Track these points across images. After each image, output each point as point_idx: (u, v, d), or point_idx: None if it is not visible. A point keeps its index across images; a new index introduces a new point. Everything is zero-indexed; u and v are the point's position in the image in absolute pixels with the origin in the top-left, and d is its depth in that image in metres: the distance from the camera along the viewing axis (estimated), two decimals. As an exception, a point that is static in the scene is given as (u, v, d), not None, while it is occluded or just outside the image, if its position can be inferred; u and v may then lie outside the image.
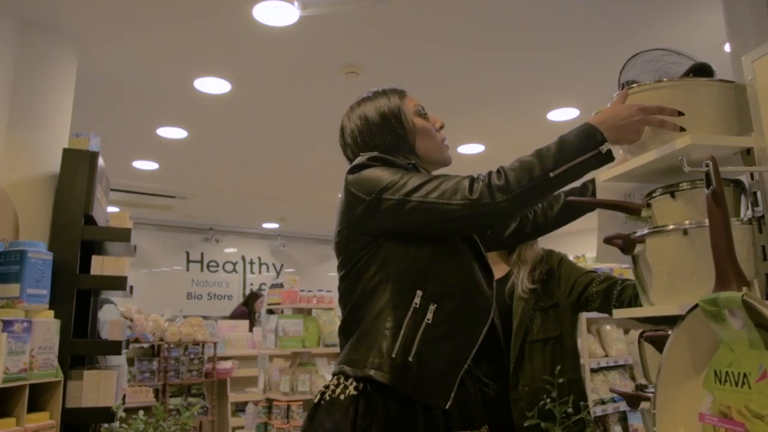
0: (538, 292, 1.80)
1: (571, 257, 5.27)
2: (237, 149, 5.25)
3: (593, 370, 3.74)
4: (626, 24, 3.14)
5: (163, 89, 3.90)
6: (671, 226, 1.21)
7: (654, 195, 1.30)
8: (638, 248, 1.28)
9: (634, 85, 1.31)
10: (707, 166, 0.91)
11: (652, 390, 1.17)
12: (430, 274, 1.29)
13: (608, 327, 3.87)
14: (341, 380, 1.29)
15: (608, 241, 1.33)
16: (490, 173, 1.25)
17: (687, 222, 1.24)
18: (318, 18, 2.97)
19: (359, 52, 3.39)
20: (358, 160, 1.39)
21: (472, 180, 1.25)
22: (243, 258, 9.61)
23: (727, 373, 0.90)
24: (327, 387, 1.31)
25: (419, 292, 1.27)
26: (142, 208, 7.40)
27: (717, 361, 0.92)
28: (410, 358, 1.24)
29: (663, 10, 3.03)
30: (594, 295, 1.74)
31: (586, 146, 1.22)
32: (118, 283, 2.63)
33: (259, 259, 9.78)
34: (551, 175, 1.21)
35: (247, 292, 8.76)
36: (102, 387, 2.42)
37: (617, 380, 3.83)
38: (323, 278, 8.44)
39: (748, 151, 1.21)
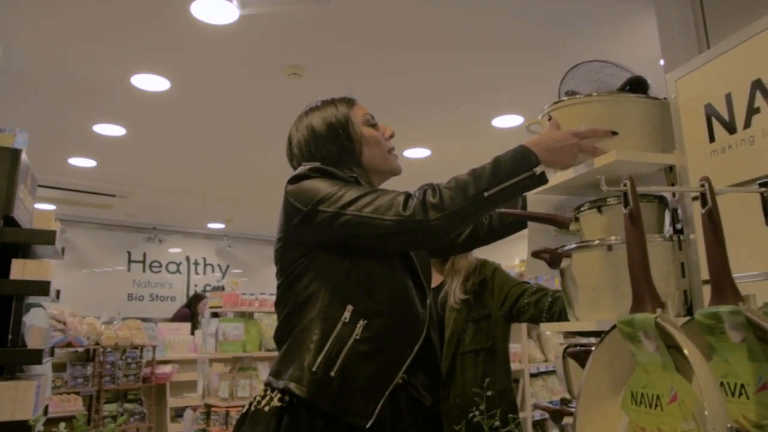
0: (471, 302, 1.79)
1: (516, 261, 5.31)
2: (178, 148, 5.11)
3: (533, 375, 3.79)
4: (569, 32, 3.19)
5: (99, 85, 3.75)
6: (597, 242, 1.21)
7: (582, 209, 1.30)
8: (565, 262, 1.28)
9: (565, 98, 1.31)
10: (625, 185, 0.90)
11: (575, 406, 1.17)
12: (363, 290, 1.29)
13: (548, 332, 3.93)
14: (267, 391, 1.28)
15: (536, 254, 1.32)
16: (425, 190, 1.24)
17: (613, 238, 1.25)
18: (259, 17, 2.90)
19: (302, 53, 3.33)
20: (299, 170, 1.38)
21: (408, 196, 1.24)
22: (187, 258, 9.39)
23: (642, 394, 0.89)
24: (255, 397, 1.30)
25: (350, 307, 1.26)
26: (81, 206, 7.14)
27: (633, 382, 0.92)
28: (332, 373, 1.22)
29: (603, 21, 3.08)
30: (526, 306, 1.74)
31: (521, 167, 1.23)
32: (41, 288, 2.49)
33: (204, 259, 9.57)
34: (485, 194, 1.21)
35: (191, 293, 8.56)
36: (19, 399, 2.28)
37: (556, 384, 3.89)
38: (271, 280, 8.16)
39: (671, 168, 1.22)
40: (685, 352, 0.74)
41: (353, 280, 1.28)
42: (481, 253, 1.87)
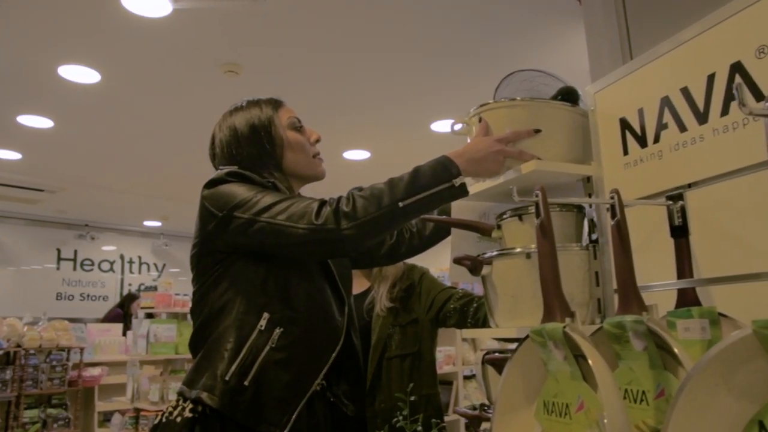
0: (397, 308, 1.79)
1: (448, 265, 5.39)
2: (111, 143, 4.92)
3: (466, 377, 3.83)
4: (506, 40, 3.24)
5: (23, 74, 3.57)
6: (518, 249, 1.23)
7: (504, 217, 1.31)
8: (486, 269, 1.29)
9: (490, 101, 1.32)
10: (537, 195, 0.92)
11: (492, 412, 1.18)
12: (279, 298, 1.26)
13: (481, 336, 3.98)
14: (180, 401, 1.25)
15: (457, 261, 1.33)
16: (340, 198, 1.23)
17: (533, 246, 1.27)
18: (194, 12, 2.83)
19: (239, 50, 3.27)
20: (215, 174, 1.35)
21: (322, 204, 1.22)
22: (121, 257, 9.08)
23: (553, 403, 0.91)
24: (167, 407, 1.26)
25: (266, 315, 1.24)
26: (5, 200, 6.80)
27: (545, 391, 0.93)
28: (246, 383, 1.19)
29: (540, 29, 3.15)
30: (451, 312, 1.75)
31: (440, 178, 1.22)
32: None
33: (140, 258, 9.28)
34: (400, 204, 1.19)
35: (125, 292, 8.28)
36: None
37: (489, 386, 3.94)
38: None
39: (589, 179, 1.25)
40: (589, 361, 0.76)
41: (270, 288, 1.26)
42: (419, 256, 1.87)
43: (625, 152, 1.15)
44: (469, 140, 1.33)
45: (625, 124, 1.15)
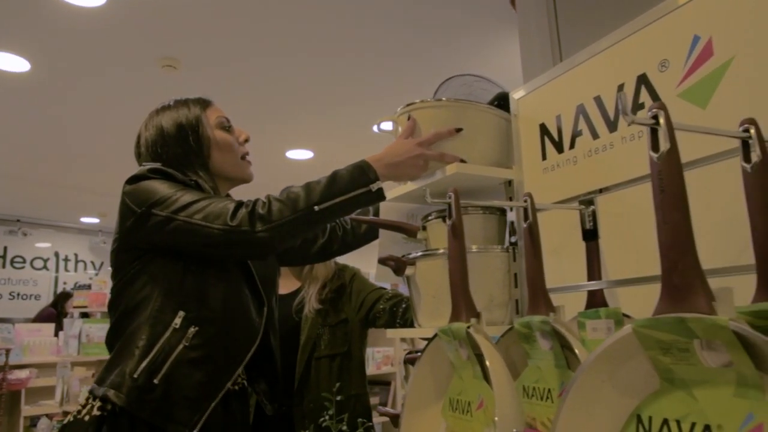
0: (328, 308, 1.79)
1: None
2: (42, 135, 4.74)
3: (406, 377, 3.86)
4: (446, 43, 3.29)
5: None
6: (440, 250, 1.24)
7: (429, 218, 1.33)
8: (409, 270, 1.30)
9: (417, 101, 1.33)
10: (450, 197, 0.93)
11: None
12: (196, 296, 1.25)
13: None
14: (89, 400, 1.23)
15: (381, 261, 1.34)
16: (256, 201, 1.23)
17: (455, 247, 1.29)
18: (130, 3, 2.76)
19: (178, 45, 3.21)
20: (138, 170, 1.33)
21: (239, 206, 1.22)
22: (56, 254, 8.75)
23: (457, 400, 0.92)
24: (78, 407, 1.23)
25: (181, 313, 1.23)
26: (-71, 193, 6.47)
27: (451, 388, 0.95)
28: (156, 381, 1.17)
29: (479, 34, 3.20)
30: (381, 312, 1.76)
31: (358, 183, 1.23)
32: None
33: (76, 255, 8.96)
34: (316, 209, 1.20)
35: (59, 291, 7.98)
36: None
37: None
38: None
39: (510, 183, 1.28)
40: (487, 363, 0.77)
41: (187, 286, 1.25)
42: (349, 256, 1.87)
43: (544, 157, 1.18)
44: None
45: (544, 130, 1.18)
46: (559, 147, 1.15)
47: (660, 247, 0.59)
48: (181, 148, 1.38)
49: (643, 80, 0.98)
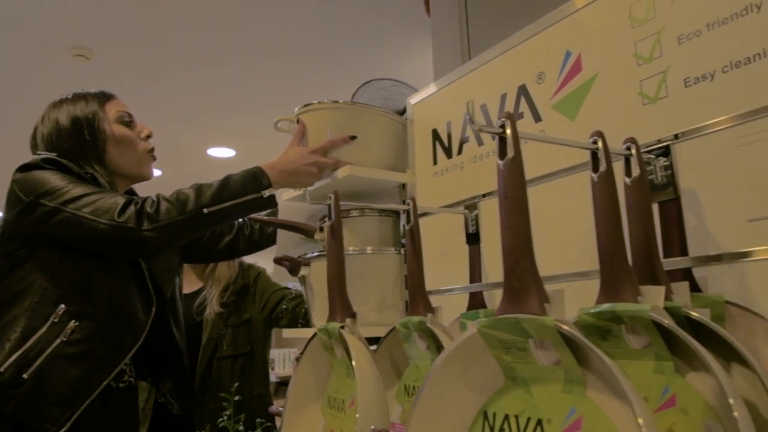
0: (230, 308, 1.77)
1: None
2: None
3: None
4: (365, 48, 3.31)
5: None
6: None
7: (326, 219, 1.34)
8: (304, 270, 1.31)
9: (314, 102, 1.33)
10: (330, 199, 0.95)
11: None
12: (79, 291, 1.22)
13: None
14: None
15: (277, 261, 1.34)
16: (146, 199, 1.22)
17: (351, 248, 1.30)
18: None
19: (91, 34, 3.08)
20: (31, 159, 1.29)
21: (128, 202, 1.20)
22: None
23: (335, 398, 0.94)
24: None
25: (62, 306, 1.19)
26: None
27: (330, 386, 0.96)
28: (25, 375, 1.13)
29: (396, 38, 3.25)
30: (284, 312, 1.76)
31: (249, 189, 1.24)
32: None
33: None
34: (205, 211, 1.21)
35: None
36: None
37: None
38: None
39: (404, 186, 1.30)
40: (353, 362, 0.79)
41: (71, 280, 1.22)
42: (257, 256, 1.85)
43: (435, 162, 1.21)
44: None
45: (436, 136, 1.22)
46: (448, 152, 1.18)
47: (502, 251, 0.62)
48: (77, 142, 1.35)
49: (523, 91, 1.02)
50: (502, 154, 0.63)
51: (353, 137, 1.24)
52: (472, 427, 0.67)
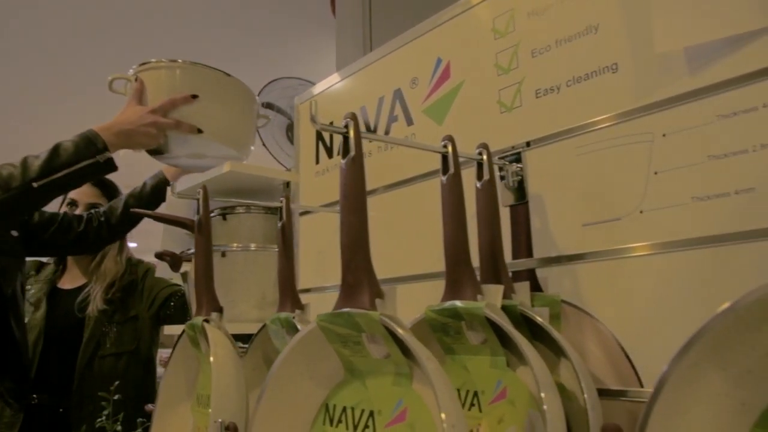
0: (116, 305, 1.71)
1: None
2: None
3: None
4: (270, 48, 3.30)
5: None
6: (213, 248, 1.25)
7: (211, 215, 1.33)
8: (186, 266, 1.29)
9: (152, 60, 1.26)
10: (198, 194, 0.94)
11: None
12: None
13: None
14: None
15: (158, 256, 1.32)
16: None
17: (234, 244, 1.30)
18: None
19: None
20: None
21: None
22: None
23: (201, 395, 0.93)
24: None
25: None
26: None
27: (199, 384, 0.95)
28: None
29: (302, 38, 3.25)
30: (172, 309, 1.72)
31: (83, 154, 1.17)
32: None
33: None
34: (35, 185, 1.13)
35: None
36: None
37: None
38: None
39: (288, 184, 1.31)
40: (210, 357, 0.79)
41: None
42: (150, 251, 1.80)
43: (317, 161, 1.23)
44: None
45: (319, 135, 1.23)
46: (329, 152, 1.20)
47: (340, 248, 0.64)
48: None
49: (398, 95, 1.05)
50: (345, 153, 0.65)
51: (195, 96, 1.18)
52: (315, 420, 0.69)
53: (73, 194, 1.71)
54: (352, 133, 0.64)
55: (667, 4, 0.71)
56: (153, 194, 1.61)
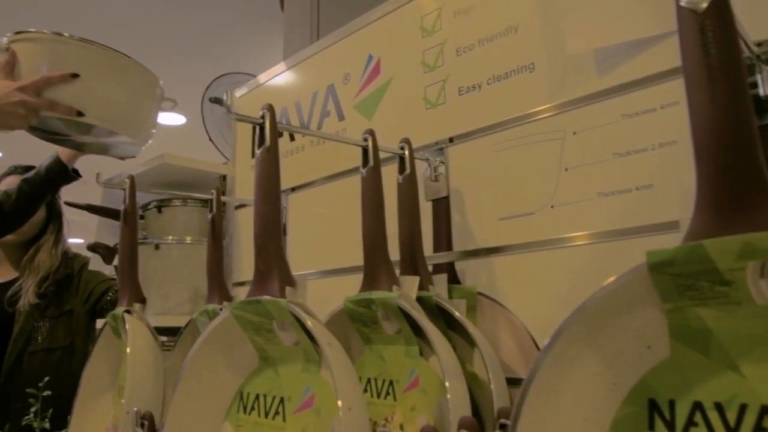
0: (49, 299, 1.66)
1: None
2: None
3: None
4: (224, 41, 3.28)
5: None
6: (148, 239, 1.24)
7: (148, 207, 1.31)
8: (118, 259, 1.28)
9: (31, 30, 1.07)
10: (126, 183, 0.93)
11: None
12: None
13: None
14: None
15: (91, 248, 1.30)
16: None
17: (169, 237, 1.29)
18: None
19: None
20: None
21: None
22: None
23: (121, 386, 0.92)
24: None
25: None
26: None
27: (120, 375, 0.94)
28: None
29: (253, 34, 3.24)
30: (108, 303, 1.68)
31: None
32: None
33: None
34: None
35: None
36: None
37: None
38: None
39: (224, 177, 1.31)
40: (127, 348, 0.78)
41: None
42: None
43: (253, 155, 1.22)
44: None
45: (254, 129, 1.23)
46: (265, 146, 1.20)
47: (253, 236, 0.64)
48: None
49: (331, 90, 1.06)
50: (261, 143, 0.66)
51: (75, 75, 1.03)
52: (230, 407, 0.69)
53: None
54: (267, 125, 0.65)
55: (578, 7, 0.74)
56: (47, 177, 1.48)
